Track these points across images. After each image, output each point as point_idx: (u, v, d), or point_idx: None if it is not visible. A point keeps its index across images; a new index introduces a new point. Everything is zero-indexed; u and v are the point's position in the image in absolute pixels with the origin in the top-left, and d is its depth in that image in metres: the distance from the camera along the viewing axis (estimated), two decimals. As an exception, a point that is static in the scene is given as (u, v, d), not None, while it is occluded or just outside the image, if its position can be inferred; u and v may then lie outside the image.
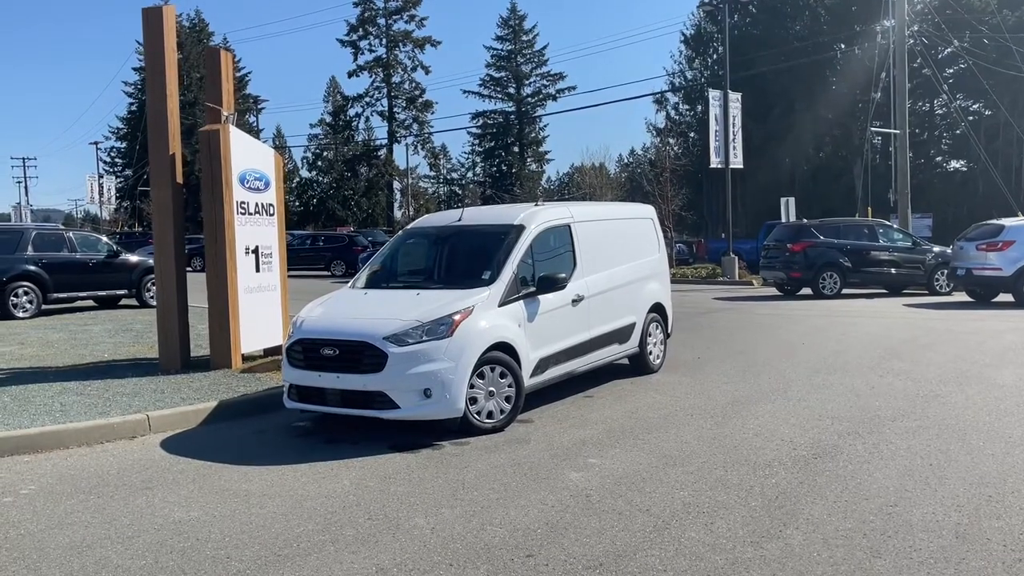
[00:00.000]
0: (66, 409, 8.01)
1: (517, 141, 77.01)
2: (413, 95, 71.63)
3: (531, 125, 77.27)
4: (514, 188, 75.41)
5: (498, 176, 76.16)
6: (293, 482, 6.07)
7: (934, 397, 8.38)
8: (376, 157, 72.49)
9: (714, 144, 26.92)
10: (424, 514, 5.31)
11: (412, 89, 71.72)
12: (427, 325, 7.05)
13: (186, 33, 75.24)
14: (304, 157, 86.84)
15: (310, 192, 79.97)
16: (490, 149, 77.79)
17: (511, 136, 77.07)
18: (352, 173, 73.94)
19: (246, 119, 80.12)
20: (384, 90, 71.30)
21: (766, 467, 6.14)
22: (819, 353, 11.34)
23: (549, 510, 5.33)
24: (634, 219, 10.35)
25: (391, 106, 71.53)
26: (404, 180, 68.69)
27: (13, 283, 16.91)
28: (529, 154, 77.61)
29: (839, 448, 6.60)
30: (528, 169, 77.25)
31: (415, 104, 71.81)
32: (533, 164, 78.49)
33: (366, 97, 71.86)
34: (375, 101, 71.95)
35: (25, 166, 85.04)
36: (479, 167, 79.27)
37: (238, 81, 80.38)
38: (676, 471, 6.09)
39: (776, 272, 20.80)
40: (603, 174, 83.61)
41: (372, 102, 72.02)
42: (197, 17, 77.99)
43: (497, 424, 7.33)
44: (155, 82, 10.02)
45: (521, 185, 76.48)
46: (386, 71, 70.73)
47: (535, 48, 75.61)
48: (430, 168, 76.85)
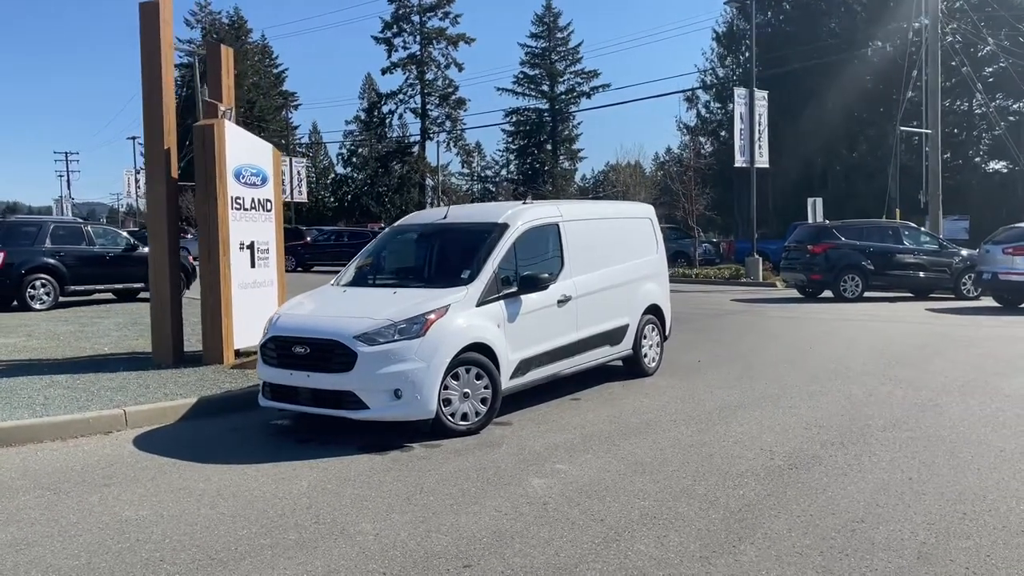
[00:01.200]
0: (48, 403, 8.02)
1: (550, 139, 76.73)
2: (446, 92, 71.73)
3: (564, 123, 76.97)
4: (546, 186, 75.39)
5: (530, 174, 76.01)
6: (252, 482, 5.98)
7: (932, 406, 8.08)
8: (409, 154, 72.71)
9: (739, 143, 26.47)
10: (373, 519, 5.18)
11: (445, 86, 71.83)
12: (399, 324, 6.92)
13: (225, 30, 76.07)
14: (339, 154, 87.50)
15: (345, 188, 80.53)
16: (523, 147, 77.59)
17: (544, 134, 76.79)
18: (385, 170, 74.25)
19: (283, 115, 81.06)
20: (417, 87, 71.49)
21: (737, 477, 5.92)
22: (824, 358, 11.03)
23: (501, 518, 5.17)
24: (631, 218, 10.13)
25: (424, 103, 71.68)
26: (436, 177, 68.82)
27: (31, 275, 17.13)
28: (562, 152, 77.32)
29: (818, 459, 6.35)
30: (560, 167, 77.03)
31: (448, 101, 71.91)
32: (566, 162, 78.22)
33: (399, 94, 72.17)
34: (408, 98, 72.25)
35: (68, 160, 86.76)
36: (512, 164, 79.17)
37: (275, 78, 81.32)
38: (643, 479, 5.90)
39: (796, 274, 20.38)
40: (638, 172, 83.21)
41: (405, 99, 72.34)
42: (236, 15, 78.58)
43: (472, 426, 7.18)
44: (151, 76, 10.01)
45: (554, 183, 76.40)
46: (420, 68, 70.89)
47: (569, 46, 75.34)
48: (462, 165, 76.91)
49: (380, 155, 74.63)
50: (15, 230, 17.69)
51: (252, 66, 77.75)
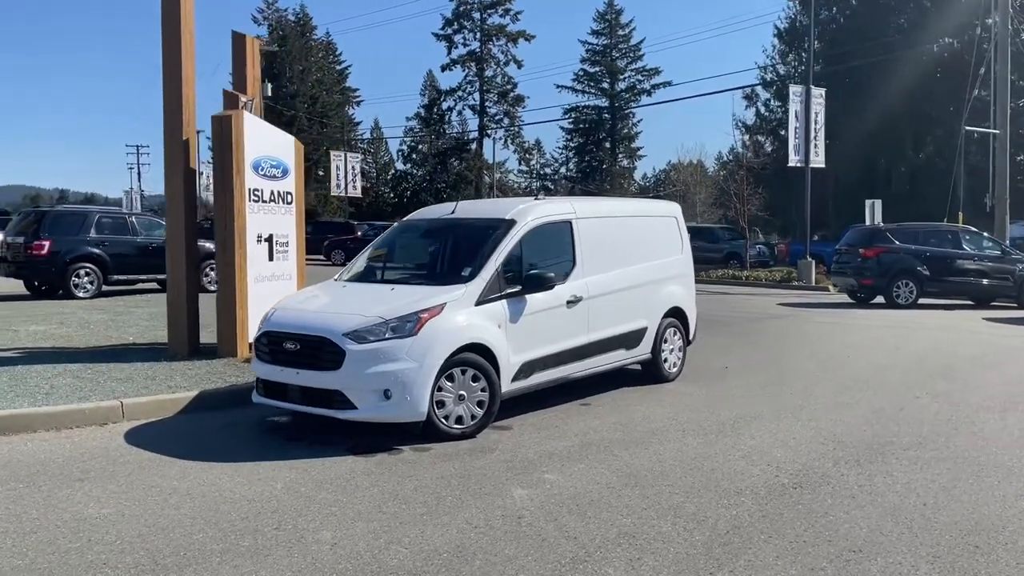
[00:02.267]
0: (52, 392, 7.98)
1: (609, 137, 75.97)
2: (505, 89, 71.55)
3: (624, 121, 76.12)
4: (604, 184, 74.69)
5: (588, 172, 75.43)
6: (227, 482, 5.79)
7: (967, 424, 7.51)
8: (467, 151, 72.76)
9: (793, 142, 25.60)
10: (336, 527, 4.93)
11: (504, 83, 71.65)
12: (392, 322, 6.67)
13: (291, 27, 77.13)
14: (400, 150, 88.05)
15: (404, 184, 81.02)
16: (581, 144, 76.98)
17: (603, 131, 76.07)
18: (443, 166, 74.47)
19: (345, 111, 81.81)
20: (476, 84, 71.47)
21: (734, 495, 5.51)
22: (861, 368, 10.45)
23: (469, 531, 4.87)
24: (654, 217, 9.71)
25: (483, 100, 71.65)
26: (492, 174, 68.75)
27: (75, 264, 17.42)
28: (621, 150, 76.53)
29: (828, 477, 5.90)
30: (619, 165, 76.28)
31: (506, 98, 71.73)
32: (624, 160, 77.42)
33: (458, 91, 72.24)
34: (467, 95, 72.27)
35: (139, 153, 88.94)
36: (572, 162, 78.63)
37: (338, 74, 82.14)
38: (632, 494, 5.54)
39: (847, 279, 19.59)
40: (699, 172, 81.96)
41: (464, 96, 72.37)
42: (302, 11, 79.50)
43: (467, 430, 6.90)
44: (171, 67, 9.94)
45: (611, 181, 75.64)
46: (479, 65, 70.85)
47: (631, 43, 74.49)
48: (519, 163, 76.64)
49: (438, 152, 74.86)
50: (61, 220, 18.00)
51: (316, 62, 78.68)
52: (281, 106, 71.14)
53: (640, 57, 74.48)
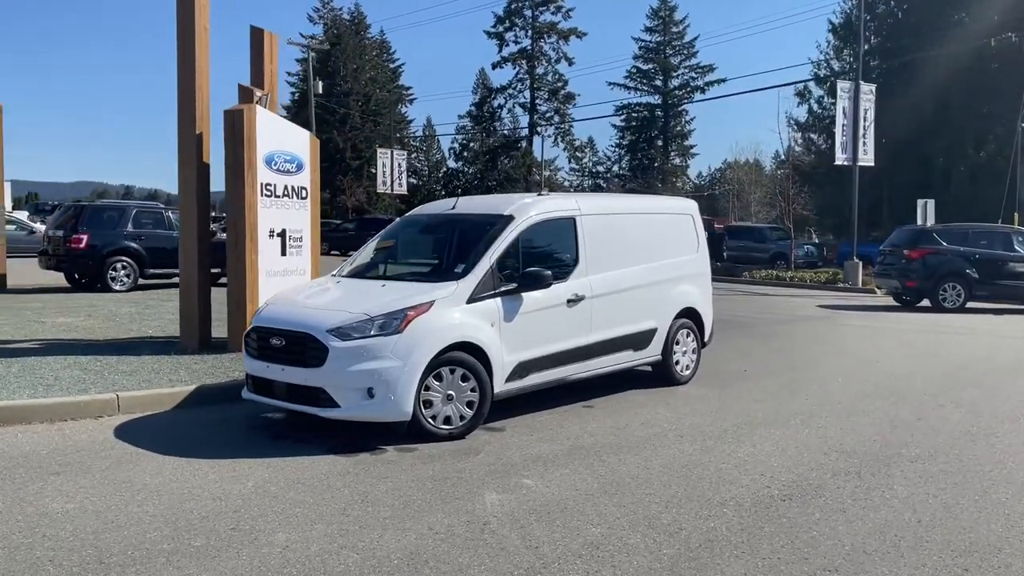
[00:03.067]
0: (55, 383, 8.02)
1: (661, 134, 75.13)
2: (556, 87, 71.20)
3: (676, 118, 75.21)
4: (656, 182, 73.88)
5: (640, 170, 74.71)
6: (200, 479, 5.70)
7: (986, 435, 7.09)
8: (516, 148, 72.59)
9: (840, 139, 24.83)
10: (294, 529, 4.80)
11: (555, 81, 71.30)
12: (378, 319, 6.52)
13: (345, 26, 77.90)
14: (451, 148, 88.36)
15: (455, 182, 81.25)
16: (633, 142, 76.26)
17: (655, 129, 75.26)
18: (493, 164, 74.47)
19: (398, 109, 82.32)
20: (527, 82, 71.25)
21: (717, 506, 5.24)
22: (887, 374, 10.00)
23: (429, 537, 4.69)
24: (668, 214, 9.41)
25: (533, 98, 71.39)
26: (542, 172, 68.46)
27: (112, 257, 17.71)
28: (673, 148, 75.63)
29: (822, 489, 5.59)
30: (671, 163, 75.39)
31: (557, 96, 71.37)
32: (677, 158, 76.45)
33: (509, 89, 72.12)
34: (518, 93, 72.11)
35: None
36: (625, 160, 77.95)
37: (392, 72, 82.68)
38: (609, 502, 5.31)
39: (891, 280, 18.92)
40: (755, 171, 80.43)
41: (515, 93, 72.23)
42: (356, 10, 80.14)
43: (455, 431, 6.72)
44: (184, 60, 9.96)
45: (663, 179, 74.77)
46: (530, 63, 70.60)
47: (684, 40, 73.56)
48: (569, 160, 76.23)
49: (488, 150, 74.87)
50: (99, 214, 18.31)
51: (369, 60, 79.36)
52: (334, 104, 71.98)
53: (694, 54, 73.57)
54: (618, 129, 76.48)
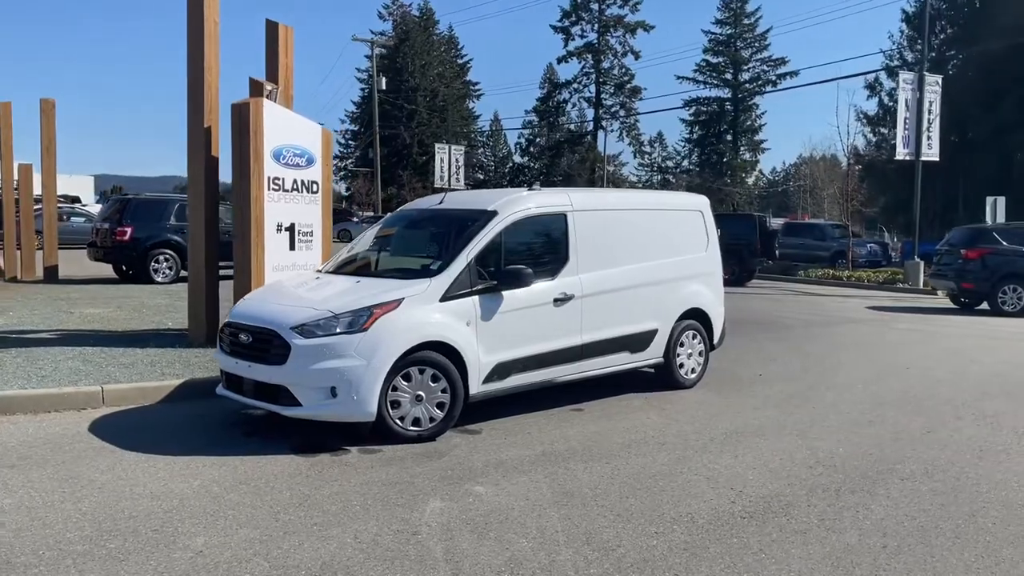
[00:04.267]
0: (51, 374, 8.08)
1: (731, 129, 73.66)
2: (622, 81, 70.50)
3: (747, 112, 73.60)
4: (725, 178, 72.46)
5: (708, 165, 73.43)
6: (149, 476, 5.62)
7: (996, 452, 6.55)
8: (581, 143, 72.05)
9: (902, 133, 23.75)
10: (217, 533, 4.66)
11: (621, 75, 70.58)
12: (342, 317, 6.35)
13: (414, 22, 78.51)
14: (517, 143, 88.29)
15: (521, 177, 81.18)
16: (701, 137, 74.93)
17: (724, 123, 73.79)
18: (557, 159, 74.15)
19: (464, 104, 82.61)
20: (593, 76, 70.67)
21: (669, 523, 4.91)
22: (913, 382, 9.41)
23: (350, 547, 4.50)
24: (674, 211, 9.01)
25: (599, 92, 70.80)
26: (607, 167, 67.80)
27: (155, 250, 18.06)
28: (743, 142, 74.07)
29: (791, 507, 5.20)
30: (741, 158, 73.85)
31: (623, 90, 70.67)
32: (747, 153, 74.81)
33: (574, 83, 71.68)
34: (583, 87, 71.58)
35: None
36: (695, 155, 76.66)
37: (459, 68, 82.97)
38: (555, 513, 5.03)
39: (946, 281, 17.98)
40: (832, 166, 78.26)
41: (580, 88, 71.75)
42: (425, 6, 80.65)
43: (424, 433, 6.51)
44: (194, 54, 9.98)
45: (732, 175, 73.29)
46: (596, 56, 70.01)
47: (756, 32, 71.91)
48: (634, 155, 75.35)
49: (553, 144, 74.54)
50: (144, 207, 18.67)
51: (437, 57, 79.82)
52: (402, 100, 72.62)
53: (766, 47, 71.96)
54: (686, 123, 75.37)
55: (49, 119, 18.78)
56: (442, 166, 48.34)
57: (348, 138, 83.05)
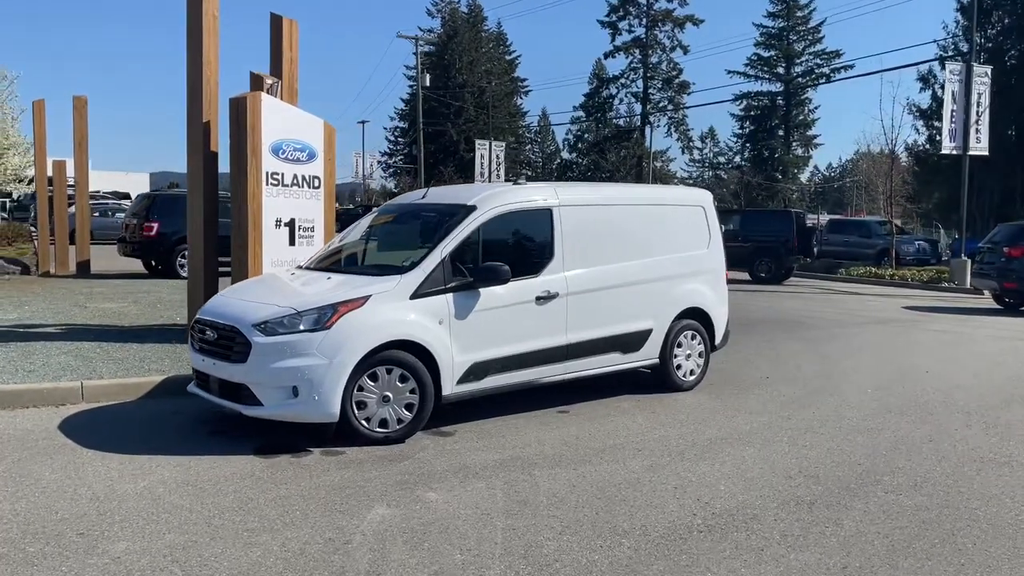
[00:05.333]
0: (41, 369, 8.07)
1: (783, 124, 72.11)
2: (670, 76, 69.50)
3: (799, 107, 72.01)
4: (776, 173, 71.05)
5: (759, 161, 72.11)
6: (98, 476, 5.50)
7: (999, 464, 6.10)
8: (628, 139, 71.25)
9: (948, 127, 22.82)
10: (143, 537, 4.50)
11: (669, 70, 69.60)
12: (307, 314, 6.17)
13: (462, 19, 78.62)
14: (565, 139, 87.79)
15: (569, 173, 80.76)
16: (752, 132, 73.54)
17: (776, 118, 72.30)
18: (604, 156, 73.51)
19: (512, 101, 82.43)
20: (640, 71, 69.82)
21: (618, 536, 4.62)
22: (927, 387, 8.90)
23: (276, 554, 4.30)
24: (673, 206, 8.65)
25: (646, 87, 69.89)
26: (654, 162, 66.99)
27: (181, 245, 18.14)
28: (795, 138, 72.41)
29: (755, 521, 4.86)
30: (793, 154, 72.31)
31: (671, 85, 69.66)
32: (799, 148, 73.19)
33: (621, 78, 70.88)
34: (630, 82, 70.78)
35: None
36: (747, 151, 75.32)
37: (507, 64, 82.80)
38: (501, 524, 4.77)
39: (988, 281, 17.18)
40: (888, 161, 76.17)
41: (627, 83, 70.94)
42: (474, 3, 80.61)
43: (391, 434, 6.30)
44: (193, 49, 9.91)
45: (784, 171, 71.81)
46: (643, 51, 69.15)
47: (809, 25, 70.30)
48: (682, 151, 74.29)
49: (600, 140, 73.92)
50: (170, 203, 18.82)
51: (485, 53, 79.78)
52: (449, 97, 72.71)
53: (819, 40, 70.28)
54: (737, 118, 74.07)
55: (81, 116, 19.05)
56: (482, 162, 48.16)
57: (397, 135, 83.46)
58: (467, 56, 76.60)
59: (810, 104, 72.37)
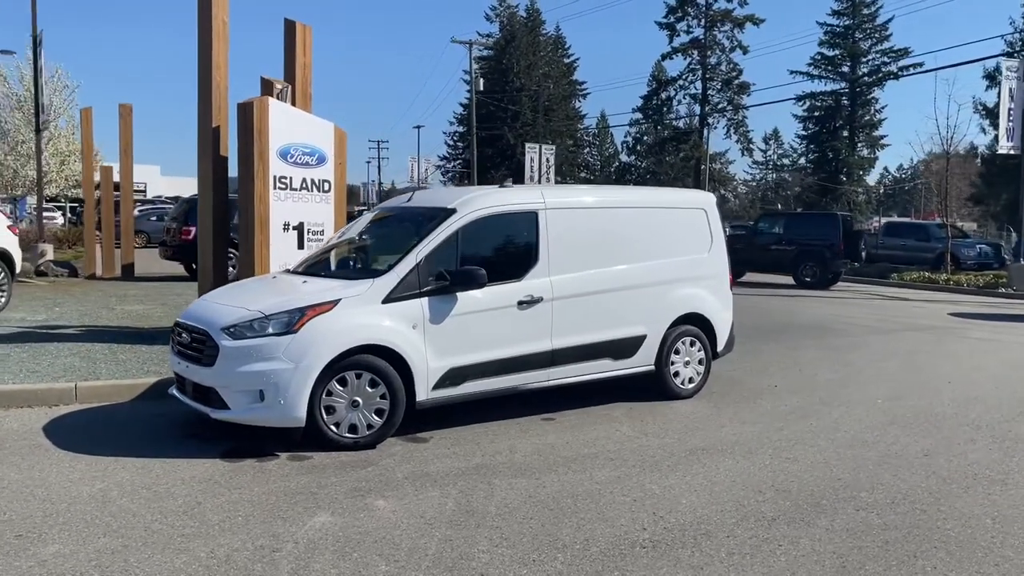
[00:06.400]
0: (45, 370, 8.23)
1: (847, 124, 70.31)
2: (729, 77, 68.33)
3: (865, 107, 70.12)
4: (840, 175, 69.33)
5: (822, 162, 70.51)
6: (59, 478, 5.53)
7: (991, 483, 5.74)
8: (686, 141, 70.30)
9: (1006, 125, 21.86)
10: (77, 541, 4.51)
11: (728, 70, 68.45)
12: (274, 318, 6.15)
13: (520, 23, 78.82)
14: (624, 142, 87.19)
15: (628, 176, 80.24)
16: (815, 133, 71.90)
17: (840, 119, 70.54)
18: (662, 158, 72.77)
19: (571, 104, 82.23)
20: (699, 72, 68.81)
21: (556, 550, 4.46)
22: (947, 397, 8.47)
23: (201, 562, 4.27)
24: (671, 208, 8.40)
25: (705, 89, 68.80)
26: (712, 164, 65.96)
27: (219, 249, 18.48)
28: (860, 138, 70.54)
29: (706, 538, 4.64)
30: (858, 156, 70.46)
31: (730, 86, 68.47)
32: (864, 149, 71.28)
33: (679, 80, 69.98)
34: (689, 84, 69.79)
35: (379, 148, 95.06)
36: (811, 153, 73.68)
37: (566, 67, 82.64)
38: (438, 535, 4.65)
39: (1040, 286, 16.40)
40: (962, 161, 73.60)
41: (685, 85, 69.97)
42: (532, 7, 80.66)
43: (361, 440, 6.24)
44: (203, 54, 10.04)
45: (849, 173, 70.02)
46: (702, 52, 68.14)
47: (876, 22, 68.43)
48: (742, 153, 72.95)
49: (657, 143, 73.18)
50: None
51: (543, 57, 79.79)
52: (506, 101, 72.86)
53: (887, 37, 68.33)
54: (799, 119, 72.54)
55: (127, 123, 19.57)
56: (532, 165, 48.01)
57: (456, 139, 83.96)
58: (525, 60, 76.72)
59: (876, 104, 70.51)
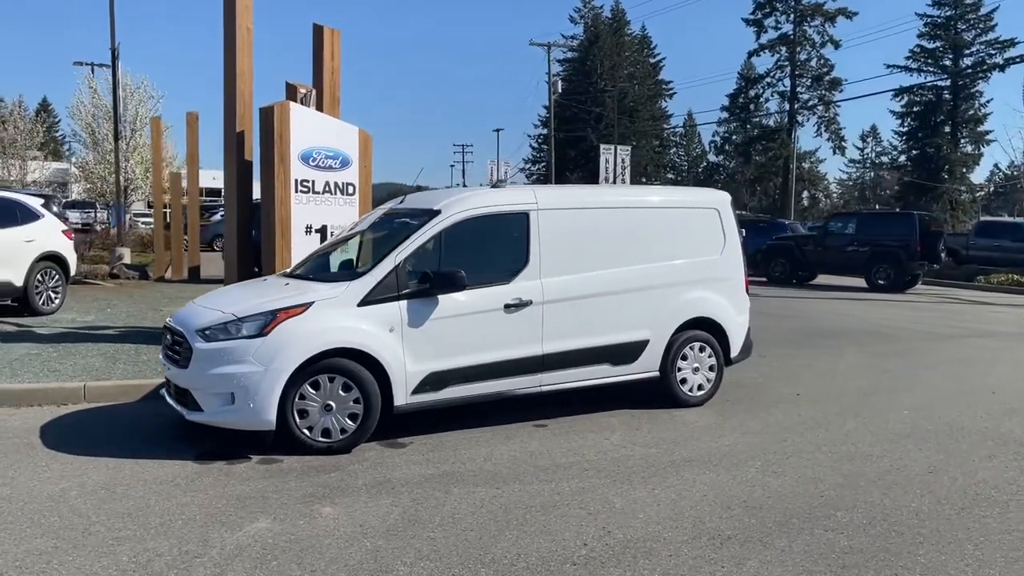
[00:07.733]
0: (68, 369, 8.45)
1: (948, 120, 67.06)
2: (819, 73, 66.21)
3: (968, 101, 66.74)
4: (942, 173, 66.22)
5: (922, 160, 67.46)
6: (30, 478, 5.62)
7: (988, 505, 5.26)
8: (774, 140, 68.40)
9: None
10: (12, 542, 4.54)
11: (819, 66, 66.32)
12: (247, 320, 6.14)
13: (604, 24, 78.31)
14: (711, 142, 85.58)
15: (715, 177, 78.70)
16: (914, 130, 68.85)
17: (940, 114, 67.33)
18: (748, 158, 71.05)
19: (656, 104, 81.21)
20: (787, 69, 66.90)
21: (483, 566, 4.29)
22: (979, 411, 7.85)
23: (121, 564, 4.27)
24: (679, 208, 8.04)
25: (794, 86, 66.86)
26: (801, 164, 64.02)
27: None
28: (963, 134, 67.15)
29: (643, 558, 4.38)
30: (961, 152, 67.07)
31: (821, 82, 66.31)
32: (968, 146, 67.83)
33: (767, 77, 68.17)
34: (777, 81, 67.92)
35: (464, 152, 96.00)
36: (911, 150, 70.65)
37: (651, 67, 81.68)
38: (370, 544, 4.53)
39: None
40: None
41: (773, 82, 68.11)
42: (616, 7, 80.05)
43: (335, 444, 6.17)
44: (228, 61, 10.20)
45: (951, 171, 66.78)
46: (791, 49, 66.22)
47: (980, 12, 65.09)
48: (833, 151, 70.47)
49: (744, 142, 71.47)
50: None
51: (628, 57, 79.07)
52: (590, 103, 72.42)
53: (991, 28, 64.89)
54: (897, 115, 69.59)
55: (193, 131, 20.22)
56: (607, 167, 47.48)
57: (539, 142, 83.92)
58: (608, 61, 76.12)
59: (981, 97, 67.03)
